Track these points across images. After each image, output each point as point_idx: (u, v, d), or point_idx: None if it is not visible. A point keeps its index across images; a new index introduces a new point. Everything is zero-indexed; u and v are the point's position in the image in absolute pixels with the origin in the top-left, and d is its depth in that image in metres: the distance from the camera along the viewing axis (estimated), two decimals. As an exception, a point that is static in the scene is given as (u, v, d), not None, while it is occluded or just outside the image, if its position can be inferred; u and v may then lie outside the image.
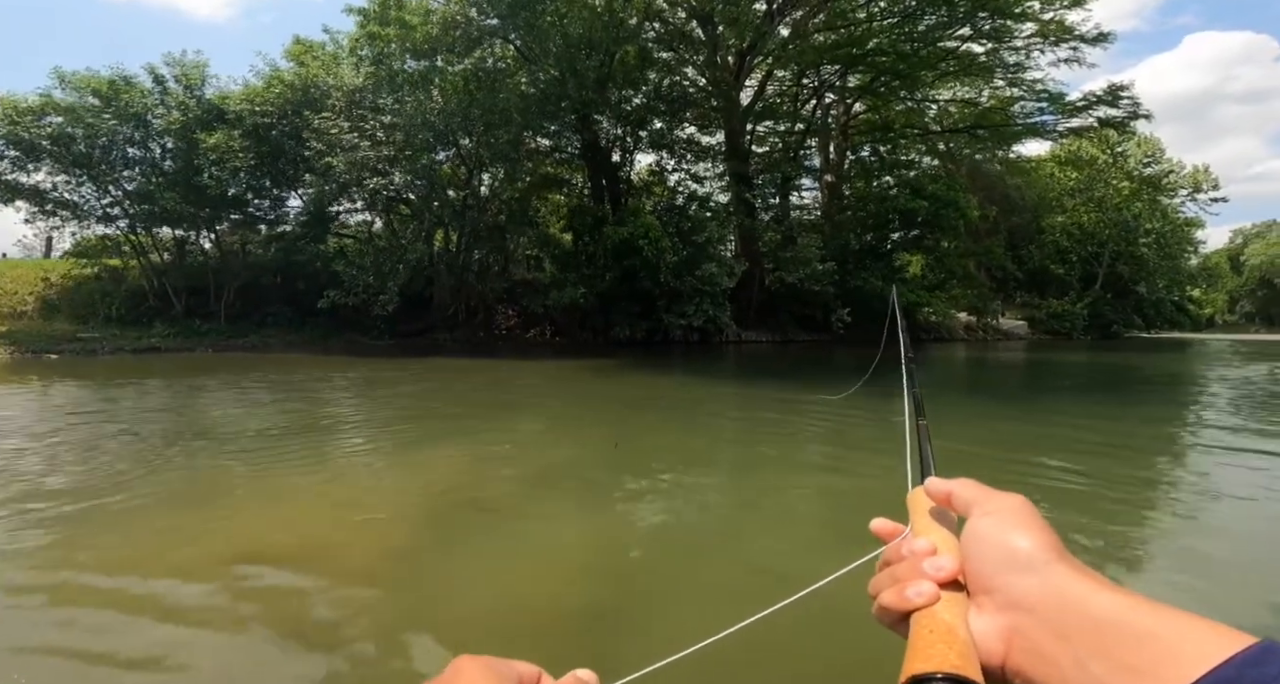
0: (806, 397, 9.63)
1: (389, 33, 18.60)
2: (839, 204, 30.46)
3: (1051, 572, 0.43)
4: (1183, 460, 5.98)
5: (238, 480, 4.85)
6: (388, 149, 19.13)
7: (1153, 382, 14.10)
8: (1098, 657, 0.38)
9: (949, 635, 0.43)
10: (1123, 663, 0.37)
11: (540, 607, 2.83)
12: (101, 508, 4.16)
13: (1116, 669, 0.37)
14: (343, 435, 6.70)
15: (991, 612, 0.44)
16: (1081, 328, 36.60)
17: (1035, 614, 0.42)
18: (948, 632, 0.43)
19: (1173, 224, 45.09)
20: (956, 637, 0.43)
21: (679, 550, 3.57)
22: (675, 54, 25.18)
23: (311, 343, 20.79)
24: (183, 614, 2.71)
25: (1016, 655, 0.42)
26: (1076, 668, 0.39)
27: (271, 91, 19.04)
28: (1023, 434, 7.13)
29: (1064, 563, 0.43)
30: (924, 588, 0.46)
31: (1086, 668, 0.38)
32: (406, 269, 20.61)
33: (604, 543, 3.70)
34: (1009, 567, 0.44)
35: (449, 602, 2.87)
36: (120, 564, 3.24)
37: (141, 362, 16.65)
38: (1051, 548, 0.44)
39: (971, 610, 0.45)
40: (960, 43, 27.44)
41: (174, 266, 21.67)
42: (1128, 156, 43.29)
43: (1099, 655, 0.38)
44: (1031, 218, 39.22)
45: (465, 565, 3.26)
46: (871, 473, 5.07)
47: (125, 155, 19.10)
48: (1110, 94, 29.28)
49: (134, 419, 7.73)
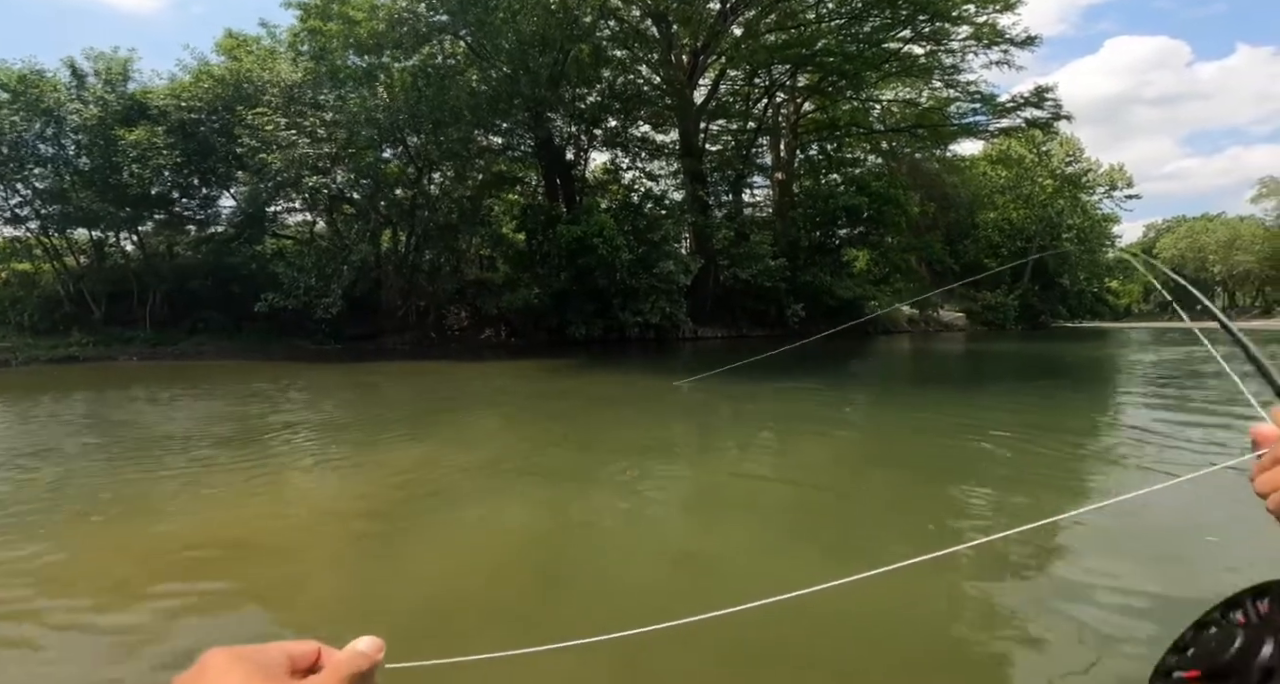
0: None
1: (332, 28, 17.53)
2: (789, 201, 30.84)
3: None
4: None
5: (172, 490, 4.62)
6: (329, 146, 18.15)
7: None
8: None
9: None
10: None
11: (477, 585, 3.05)
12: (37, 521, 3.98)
13: None
14: (285, 442, 6.43)
15: None
16: (1014, 318, 38.34)
17: None
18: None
19: (1092, 219, 47.68)
20: None
21: (605, 534, 3.82)
22: (630, 52, 24.85)
23: (249, 349, 19.68)
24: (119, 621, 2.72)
25: None
26: None
27: (200, 86, 17.73)
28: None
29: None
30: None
31: None
32: (351, 270, 19.70)
33: (542, 528, 3.92)
34: None
35: (394, 584, 3.03)
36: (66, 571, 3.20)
37: (60, 372, 15.49)
38: None
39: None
40: (902, 44, 28.15)
41: (92, 270, 20.07)
42: (1051, 156, 45.41)
43: None
44: (967, 214, 40.74)
45: (411, 551, 3.46)
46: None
47: (35, 152, 17.44)
48: (1036, 95, 30.66)
49: (54, 434, 7.15)
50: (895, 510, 4.19)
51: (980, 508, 4.23)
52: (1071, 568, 3.14)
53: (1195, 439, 5.95)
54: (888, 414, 8.31)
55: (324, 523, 3.97)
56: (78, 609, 2.83)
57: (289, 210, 22.05)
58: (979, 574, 3.06)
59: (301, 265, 19.44)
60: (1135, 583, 2.92)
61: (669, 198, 26.32)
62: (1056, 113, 31.30)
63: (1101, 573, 3.02)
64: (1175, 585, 2.89)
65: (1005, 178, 44.03)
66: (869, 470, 5.42)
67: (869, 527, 3.94)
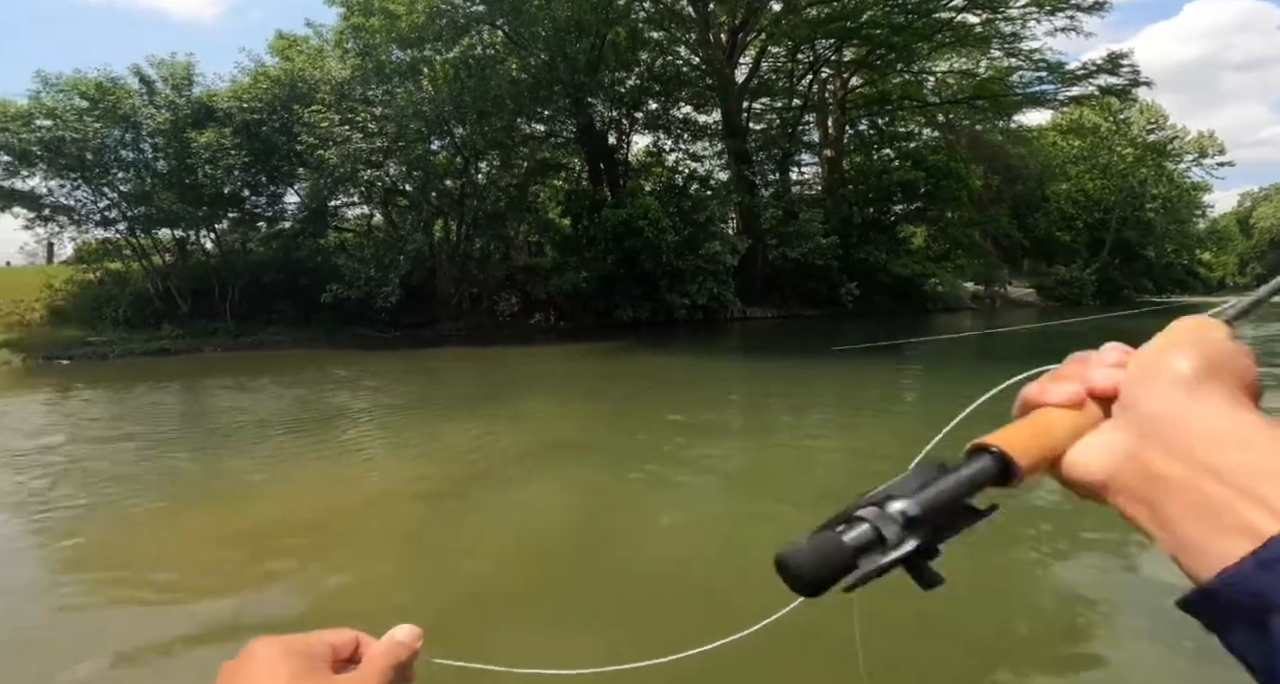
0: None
1: (374, 23, 18.45)
2: (840, 178, 30.20)
3: (1203, 395, 0.37)
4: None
5: (255, 470, 5.13)
6: (380, 140, 19.05)
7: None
8: (1222, 480, 0.32)
9: (1043, 428, 0.40)
10: (1249, 490, 0.31)
11: (529, 557, 3.21)
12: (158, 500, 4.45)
13: (1238, 492, 0.32)
14: (359, 425, 7.03)
15: (1118, 429, 0.39)
16: (1090, 294, 36.22)
17: (1162, 435, 0.36)
18: (1046, 425, 0.40)
19: (1179, 189, 44.60)
20: (1048, 434, 0.39)
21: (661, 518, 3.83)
22: (667, 33, 24.96)
23: (318, 339, 20.77)
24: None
25: (1124, 476, 0.37)
26: (1192, 488, 0.33)
27: (258, 87, 18.93)
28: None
29: (1220, 390, 0.37)
30: (1069, 389, 0.41)
31: (1203, 488, 0.33)
32: (407, 260, 20.56)
33: (593, 505, 4.02)
34: (1163, 385, 0.38)
35: (448, 562, 3.25)
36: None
37: (154, 363, 16.75)
38: (1207, 371, 0.38)
39: (1102, 427, 0.40)
40: (955, 14, 27.10)
41: (176, 268, 21.69)
42: (1130, 124, 42.69)
43: (1226, 480, 0.32)
44: (1036, 186, 38.80)
45: (471, 523, 3.69)
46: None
47: (118, 157, 19.07)
48: (1110, 62, 28.98)
49: (164, 419, 7.85)
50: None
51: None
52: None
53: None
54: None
55: (389, 503, 4.32)
56: (159, 584, 3.20)
57: (348, 204, 23.22)
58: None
59: (361, 257, 20.43)
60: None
61: (714, 178, 26.30)
62: (1134, 79, 29.57)
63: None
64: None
65: (1079, 147, 41.70)
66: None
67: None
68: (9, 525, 4.15)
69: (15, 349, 17.72)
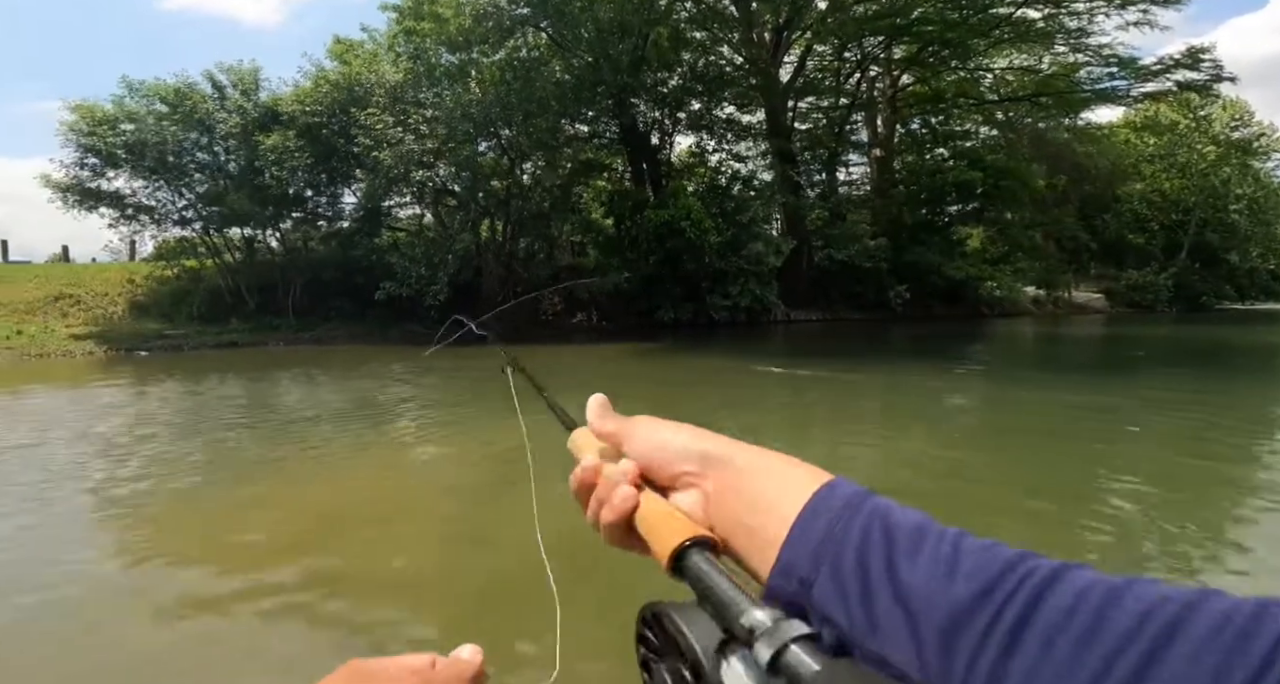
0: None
1: (424, 27, 19.28)
2: (889, 179, 29.56)
3: (702, 445, 0.46)
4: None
5: (309, 462, 5.59)
6: (431, 142, 19.80)
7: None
8: (746, 512, 0.41)
9: (669, 516, 0.44)
10: (748, 527, 0.41)
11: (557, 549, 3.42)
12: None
13: (749, 531, 0.41)
14: (411, 419, 7.51)
15: (685, 490, 0.46)
16: (1166, 300, 34.15)
17: (709, 480, 0.44)
18: (667, 515, 0.44)
19: (1266, 189, 41.67)
20: (674, 516, 0.44)
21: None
22: (709, 33, 25.05)
23: (372, 334, 21.62)
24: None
25: (714, 517, 0.44)
26: (737, 524, 0.42)
27: (319, 91, 19.98)
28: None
29: (706, 437, 0.47)
30: (627, 490, 0.47)
31: (741, 521, 0.42)
32: (455, 259, 21.23)
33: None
34: (675, 457, 0.47)
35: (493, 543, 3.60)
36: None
37: (225, 356, 17.77)
38: (690, 430, 0.48)
39: (672, 497, 0.47)
40: (1014, 8, 26.20)
41: (245, 265, 23.03)
42: (1212, 120, 40.27)
43: (746, 510, 0.41)
44: (1106, 186, 36.93)
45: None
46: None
47: (195, 159, 20.47)
48: (1190, 57, 27.42)
49: (232, 408, 8.47)
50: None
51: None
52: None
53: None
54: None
55: (429, 495, 4.77)
56: (217, 555, 3.58)
57: (400, 204, 24.18)
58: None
59: (413, 256, 21.21)
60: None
61: (758, 179, 26.15)
62: (1217, 74, 27.86)
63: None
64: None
65: (1155, 146, 39.57)
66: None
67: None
68: (86, 498, 4.66)
69: (99, 341, 19.08)
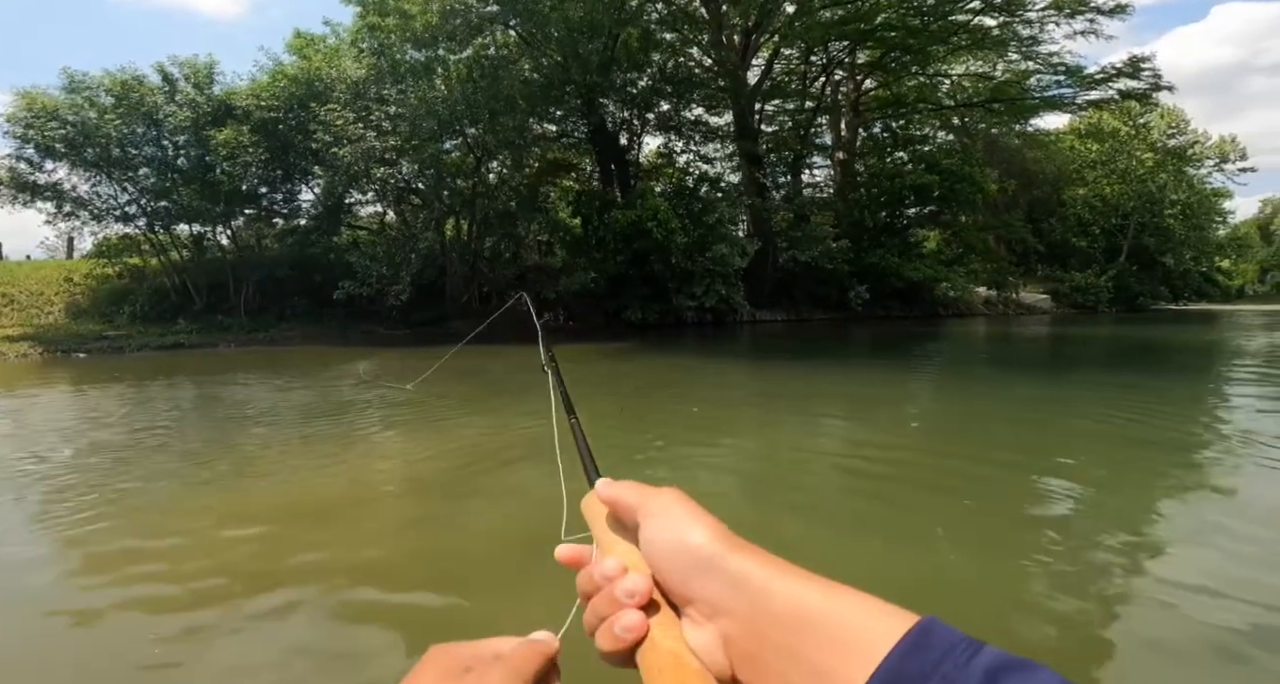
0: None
1: (389, 23, 18.66)
2: (852, 181, 30.09)
3: (730, 563, 0.40)
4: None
5: (274, 462, 5.29)
6: (394, 139, 19.23)
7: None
8: (790, 659, 0.36)
9: (677, 667, 0.39)
10: (811, 666, 0.35)
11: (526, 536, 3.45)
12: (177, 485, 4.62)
13: (808, 675, 0.35)
14: (374, 421, 7.14)
15: (702, 622, 0.40)
16: (1106, 301, 35.81)
17: (734, 616, 0.39)
18: (675, 663, 0.39)
19: (1199, 195, 43.95)
20: (684, 665, 0.39)
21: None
22: (679, 34, 25.00)
23: (330, 335, 20.99)
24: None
25: (739, 666, 0.39)
26: (779, 676, 0.37)
27: (276, 86, 19.18)
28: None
29: (738, 551, 0.41)
30: (630, 620, 0.41)
31: (787, 676, 0.36)
32: (418, 258, 20.76)
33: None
34: (695, 569, 0.41)
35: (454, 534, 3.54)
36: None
37: (169, 358, 16.93)
38: (721, 537, 0.42)
39: (686, 624, 0.41)
40: (971, 16, 26.90)
41: (193, 263, 22.04)
42: (1151, 128, 42.19)
43: (790, 657, 0.36)
44: (1052, 191, 38.42)
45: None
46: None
47: (141, 153, 19.43)
48: (1131, 66, 28.61)
49: (177, 412, 8.03)
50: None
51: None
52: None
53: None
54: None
55: (390, 489, 4.62)
56: (169, 564, 3.37)
57: (361, 203, 23.46)
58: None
59: (374, 255, 20.66)
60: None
61: (725, 180, 26.28)
62: (1155, 83, 29.11)
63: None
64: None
65: (1097, 152, 41.24)
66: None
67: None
68: (25, 508, 4.29)
69: (34, 342, 18.04)
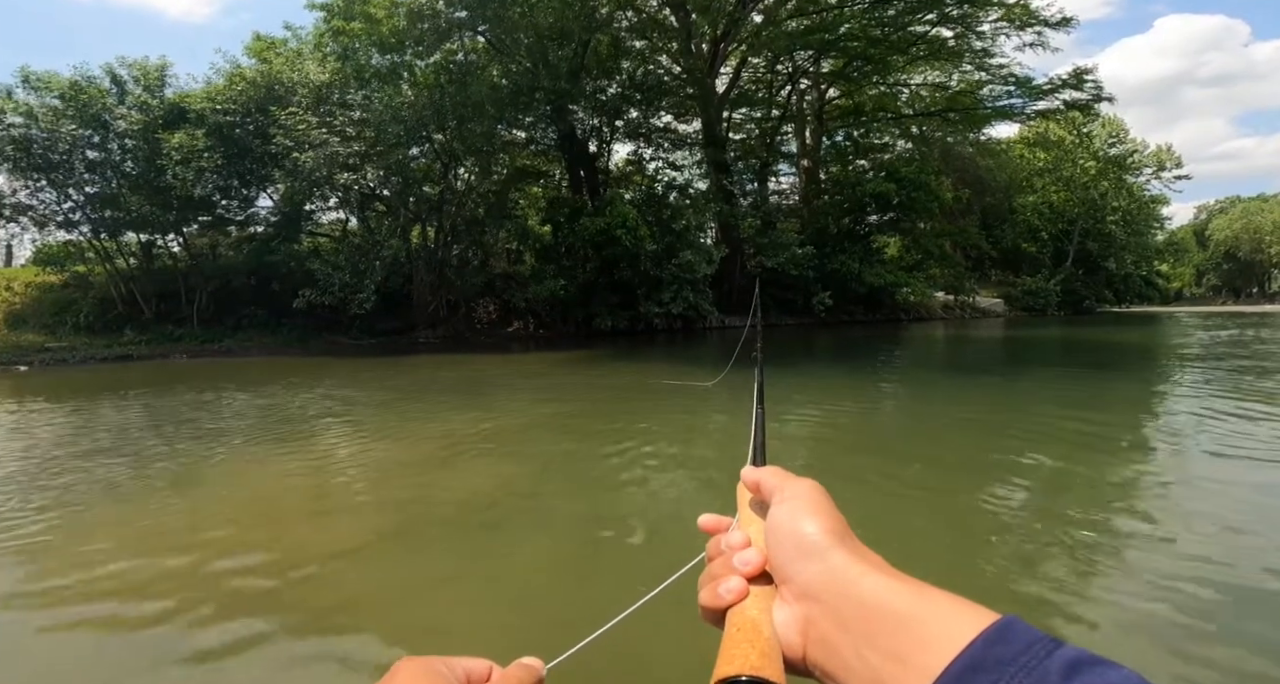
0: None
1: (354, 27, 18.13)
2: (816, 189, 30.61)
3: (832, 556, 0.43)
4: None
5: (228, 478, 4.99)
6: (358, 145, 18.71)
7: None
8: (868, 645, 0.38)
9: (754, 633, 0.42)
10: (889, 651, 0.38)
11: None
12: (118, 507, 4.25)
13: (885, 658, 0.37)
14: (333, 431, 6.84)
15: (790, 602, 0.44)
16: (1055, 304, 37.29)
17: (821, 602, 0.42)
18: (753, 629, 0.43)
19: (1138, 202, 46.12)
20: (760, 634, 0.42)
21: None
22: (649, 42, 25.03)
23: (290, 345, 20.36)
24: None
25: (812, 647, 0.42)
26: (857, 658, 0.39)
27: (234, 89, 18.44)
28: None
29: (844, 547, 0.43)
30: (733, 584, 0.46)
31: (864, 657, 0.38)
32: (383, 266, 20.25)
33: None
34: (799, 554, 0.44)
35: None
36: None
37: (116, 370, 16.17)
38: (834, 532, 0.44)
39: (777, 601, 0.45)
40: (929, 27, 27.67)
41: (142, 272, 21.05)
42: (1093, 137, 44.10)
43: (869, 643, 0.38)
44: (1004, 198, 39.79)
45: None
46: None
47: (85, 158, 18.43)
48: (1075, 77, 29.87)
49: (125, 427, 7.60)
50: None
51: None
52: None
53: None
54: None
55: (348, 508, 4.40)
56: (119, 583, 3.17)
57: (323, 209, 22.77)
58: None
59: (336, 263, 20.05)
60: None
61: (693, 188, 26.41)
62: (1097, 94, 30.48)
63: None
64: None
65: (1044, 160, 42.94)
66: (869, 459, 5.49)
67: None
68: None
69: (-31, 354, 17.04)
